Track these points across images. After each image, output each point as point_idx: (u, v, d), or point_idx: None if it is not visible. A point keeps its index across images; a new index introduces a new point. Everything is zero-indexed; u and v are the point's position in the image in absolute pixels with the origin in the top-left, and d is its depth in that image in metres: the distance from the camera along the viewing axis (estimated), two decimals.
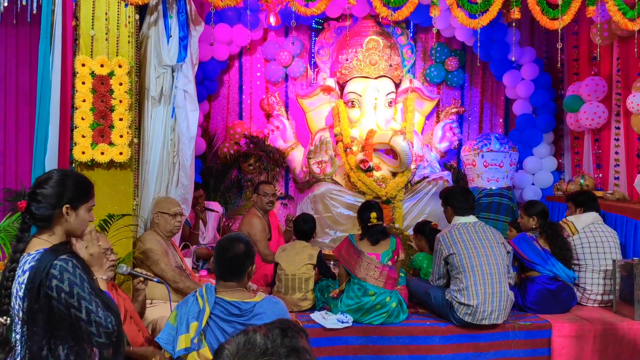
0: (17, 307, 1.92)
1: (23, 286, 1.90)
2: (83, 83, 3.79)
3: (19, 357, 1.91)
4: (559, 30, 4.06)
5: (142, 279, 3.14)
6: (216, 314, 2.32)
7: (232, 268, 2.38)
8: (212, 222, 5.50)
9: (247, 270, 2.41)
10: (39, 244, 1.97)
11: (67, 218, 2.01)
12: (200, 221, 5.30)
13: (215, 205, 5.65)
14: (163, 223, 3.83)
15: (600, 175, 5.89)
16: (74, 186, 2.04)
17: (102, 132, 3.80)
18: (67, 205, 2.00)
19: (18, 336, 1.92)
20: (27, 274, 1.90)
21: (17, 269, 1.94)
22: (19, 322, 1.92)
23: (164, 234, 3.84)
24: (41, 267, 1.88)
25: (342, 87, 6.38)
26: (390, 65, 6.22)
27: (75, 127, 3.80)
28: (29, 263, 1.92)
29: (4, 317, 1.95)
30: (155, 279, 3.12)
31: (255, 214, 4.85)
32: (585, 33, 5.95)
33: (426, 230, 4.51)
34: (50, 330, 1.90)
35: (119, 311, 2.01)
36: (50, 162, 3.64)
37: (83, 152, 3.79)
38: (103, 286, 2.08)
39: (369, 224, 3.91)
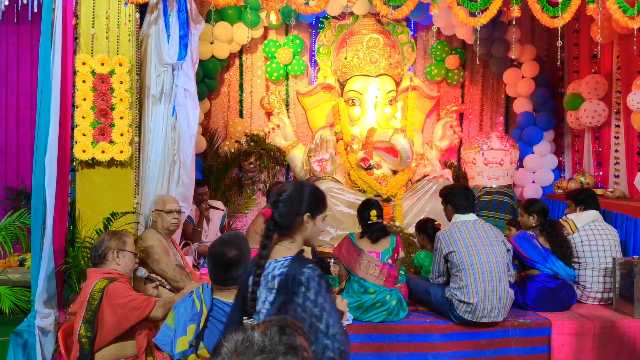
0: (264, 311, 1.96)
1: (273, 291, 1.94)
2: (83, 81, 3.80)
3: None
4: (559, 28, 4.06)
5: (157, 283, 3.29)
6: (214, 316, 2.30)
7: (226, 274, 2.36)
8: (216, 220, 5.51)
9: None
10: (283, 251, 2.02)
11: (307, 226, 2.06)
12: (204, 219, 5.31)
13: (219, 205, 5.67)
14: (160, 221, 3.85)
15: (601, 173, 5.89)
16: (312, 196, 2.10)
17: (102, 130, 3.81)
18: (308, 214, 2.05)
19: None
20: (277, 279, 1.94)
21: (263, 274, 1.98)
22: None
23: (163, 231, 3.85)
24: (291, 274, 1.92)
25: (342, 85, 6.38)
26: (391, 64, 6.22)
27: (76, 126, 3.80)
28: (279, 269, 1.96)
29: (252, 319, 1.98)
30: (167, 287, 3.25)
31: None
32: (586, 31, 5.94)
33: (429, 229, 4.52)
34: None
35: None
36: (50, 160, 3.64)
37: (84, 151, 3.80)
38: None
39: (369, 222, 3.91)
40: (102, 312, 2.83)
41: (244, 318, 2.00)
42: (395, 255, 3.89)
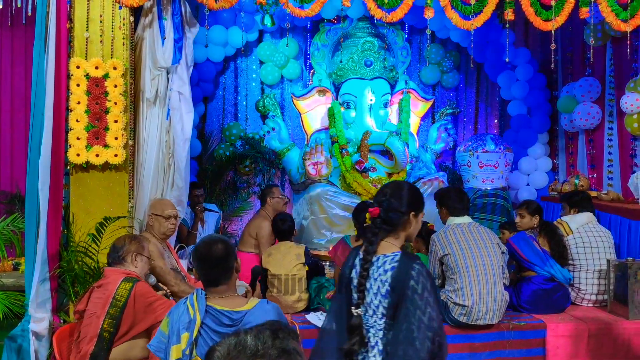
0: (375, 302, 2.11)
1: (386, 284, 2.09)
2: (78, 85, 3.79)
3: (376, 348, 2.09)
4: (553, 31, 4.08)
5: (163, 292, 3.35)
6: (207, 323, 2.24)
7: (217, 271, 2.30)
8: (211, 223, 5.50)
9: (233, 268, 2.36)
10: (389, 247, 2.18)
11: (411, 224, 2.21)
12: (199, 221, 5.29)
13: (214, 207, 5.66)
14: (157, 225, 3.82)
15: (595, 175, 5.92)
16: (414, 195, 2.25)
17: (97, 134, 3.80)
18: (413, 212, 2.21)
19: (373, 330, 2.12)
20: (388, 273, 2.10)
21: (372, 268, 2.13)
22: (377, 316, 2.11)
23: (158, 236, 3.84)
24: (403, 268, 2.07)
25: (337, 88, 6.39)
26: (385, 67, 6.24)
27: (70, 129, 3.79)
28: (390, 264, 2.11)
29: (360, 309, 2.13)
30: (171, 298, 3.30)
31: (266, 217, 4.84)
32: (579, 34, 5.98)
33: (423, 232, 4.51)
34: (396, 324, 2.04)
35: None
36: (44, 164, 3.62)
37: (78, 154, 3.78)
38: None
39: (364, 225, 3.89)
40: (129, 309, 2.94)
41: (352, 308, 2.14)
42: None
